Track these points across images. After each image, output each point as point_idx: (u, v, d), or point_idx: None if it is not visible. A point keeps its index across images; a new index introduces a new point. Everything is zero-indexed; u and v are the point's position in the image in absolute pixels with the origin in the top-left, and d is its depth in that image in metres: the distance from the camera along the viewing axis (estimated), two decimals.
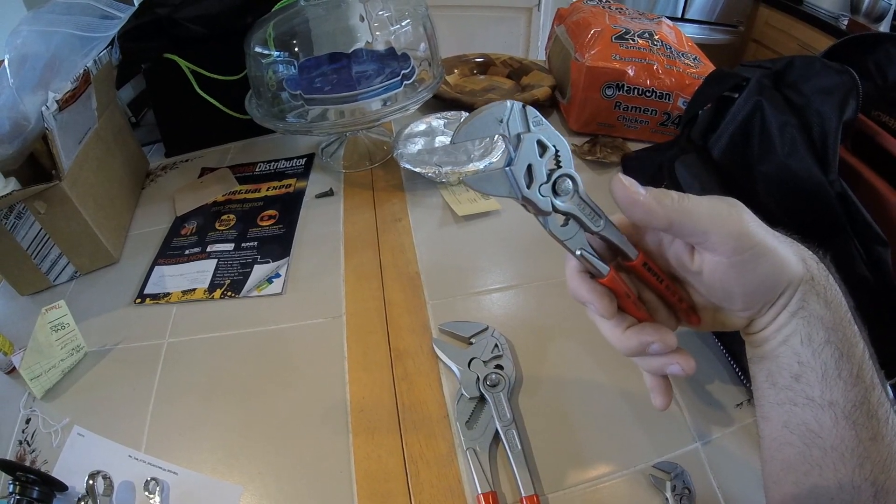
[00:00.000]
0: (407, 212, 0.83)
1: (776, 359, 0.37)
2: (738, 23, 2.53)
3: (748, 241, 0.33)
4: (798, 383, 0.35)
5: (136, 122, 1.08)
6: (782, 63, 0.65)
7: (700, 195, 0.35)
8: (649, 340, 0.37)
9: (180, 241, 0.80)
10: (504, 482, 0.49)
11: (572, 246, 0.36)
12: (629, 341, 0.37)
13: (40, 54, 0.66)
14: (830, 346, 0.34)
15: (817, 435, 0.35)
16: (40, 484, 0.48)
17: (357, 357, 0.61)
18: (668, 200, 0.34)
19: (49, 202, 0.67)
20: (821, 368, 0.35)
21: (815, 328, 0.35)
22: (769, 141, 0.60)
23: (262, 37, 0.80)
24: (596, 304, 0.37)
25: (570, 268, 0.38)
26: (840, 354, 0.34)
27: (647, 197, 0.34)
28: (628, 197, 0.34)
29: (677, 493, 0.47)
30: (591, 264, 0.36)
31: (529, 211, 0.35)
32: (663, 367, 0.38)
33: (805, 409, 0.35)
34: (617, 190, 0.35)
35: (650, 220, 0.34)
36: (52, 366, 0.60)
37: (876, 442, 0.33)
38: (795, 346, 0.35)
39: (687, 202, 0.34)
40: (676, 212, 0.33)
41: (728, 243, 0.33)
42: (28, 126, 0.64)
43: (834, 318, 0.35)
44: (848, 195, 0.54)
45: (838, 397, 0.34)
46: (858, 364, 0.34)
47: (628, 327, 0.38)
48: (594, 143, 0.94)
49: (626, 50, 0.90)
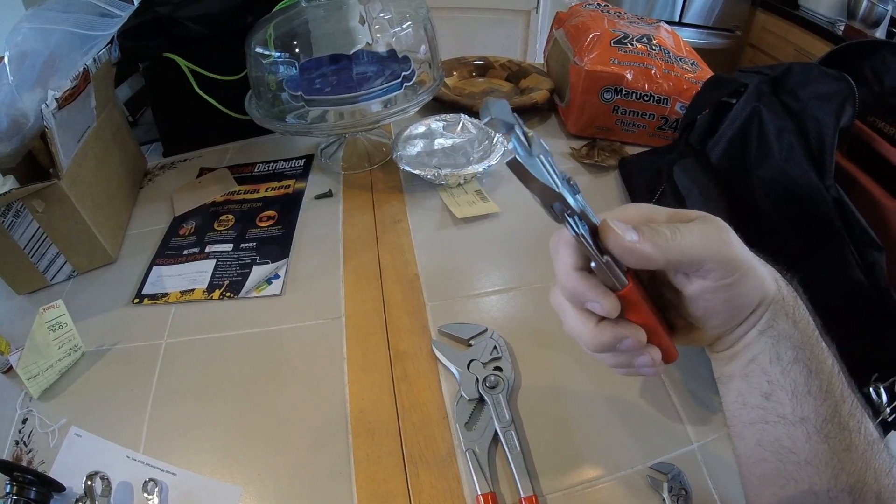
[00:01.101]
0: (406, 213, 0.83)
1: (746, 378, 0.37)
2: (735, 27, 2.54)
3: (736, 264, 0.33)
4: (769, 402, 0.36)
5: (133, 121, 1.08)
6: (780, 69, 0.65)
7: (697, 200, 0.35)
8: (624, 334, 0.35)
9: (179, 241, 0.80)
10: (503, 483, 0.49)
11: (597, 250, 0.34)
12: (602, 335, 0.35)
13: (39, 52, 0.66)
14: (799, 363, 0.35)
15: (791, 451, 0.35)
16: (38, 485, 0.48)
17: (356, 358, 0.62)
18: (663, 240, 0.33)
19: (47, 201, 0.67)
20: (790, 386, 0.35)
21: (783, 347, 0.35)
22: (767, 146, 0.60)
23: (263, 37, 0.80)
24: (602, 301, 0.34)
25: (564, 265, 0.35)
26: (809, 371, 0.35)
27: (642, 243, 0.33)
28: (624, 247, 0.33)
29: (674, 494, 0.48)
30: (611, 273, 0.34)
31: (549, 209, 0.33)
32: (631, 361, 0.37)
33: (777, 427, 0.36)
34: (610, 240, 0.33)
35: (648, 265, 0.33)
36: (49, 365, 0.60)
37: (850, 452, 0.34)
38: (764, 365, 0.36)
39: (680, 238, 0.33)
40: (673, 251, 0.33)
41: (719, 269, 0.33)
42: (27, 124, 0.64)
43: (801, 337, 0.36)
44: (844, 200, 0.54)
45: (809, 413, 0.35)
46: (828, 379, 0.35)
47: (600, 321, 0.36)
48: (592, 146, 0.95)
49: (624, 54, 0.91)
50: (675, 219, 0.35)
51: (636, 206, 0.37)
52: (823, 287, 0.52)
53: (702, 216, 0.35)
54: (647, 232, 0.33)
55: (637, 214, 0.35)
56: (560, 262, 0.35)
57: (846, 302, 0.52)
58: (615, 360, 0.38)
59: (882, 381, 0.50)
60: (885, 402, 0.49)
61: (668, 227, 0.33)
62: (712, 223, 0.34)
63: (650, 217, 0.35)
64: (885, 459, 0.35)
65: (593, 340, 0.36)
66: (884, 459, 0.35)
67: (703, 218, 0.35)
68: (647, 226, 0.33)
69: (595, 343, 0.36)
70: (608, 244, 0.33)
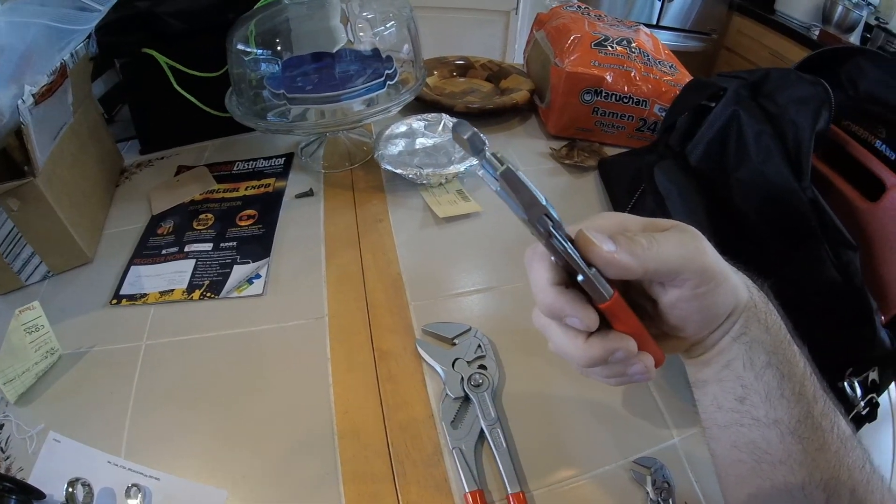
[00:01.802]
0: (388, 213, 0.83)
1: (720, 382, 0.38)
2: (712, 31, 2.60)
3: (712, 273, 0.34)
4: (743, 405, 0.37)
5: (109, 117, 1.06)
6: (759, 74, 0.67)
7: (677, 201, 0.35)
8: (614, 346, 0.34)
9: (157, 240, 0.79)
10: (490, 480, 0.50)
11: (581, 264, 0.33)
12: (592, 350, 0.34)
13: (16, 46, 0.64)
14: (772, 367, 0.36)
15: (765, 452, 0.36)
16: (17, 492, 0.47)
17: (340, 358, 0.61)
18: (640, 249, 0.32)
19: (22, 199, 0.65)
20: (764, 390, 0.36)
21: (756, 352, 0.36)
22: (745, 148, 0.62)
23: (245, 34, 0.79)
24: (580, 315, 0.33)
25: (541, 281, 0.34)
26: (781, 375, 0.36)
27: (620, 253, 0.32)
28: (602, 257, 0.32)
29: (657, 487, 0.49)
30: (598, 284, 0.33)
31: (534, 225, 0.32)
32: (624, 371, 0.36)
33: (752, 429, 0.36)
34: (587, 251, 0.33)
35: (625, 275, 0.33)
36: (25, 369, 0.58)
37: (823, 451, 0.35)
38: (738, 370, 0.37)
39: (657, 247, 0.33)
40: (651, 261, 0.32)
41: (695, 278, 0.33)
42: (2, 120, 0.62)
43: (774, 342, 0.36)
44: (819, 201, 0.56)
45: (783, 415, 0.35)
46: (800, 381, 0.36)
47: (588, 337, 0.35)
48: (572, 147, 0.96)
49: (604, 56, 0.92)
50: (649, 228, 0.35)
51: (609, 214, 0.36)
52: (800, 285, 0.54)
53: (675, 225, 0.35)
54: (623, 242, 0.33)
55: (611, 224, 0.35)
56: (536, 279, 0.35)
57: (822, 299, 0.54)
58: (608, 372, 0.37)
59: (856, 376, 0.52)
60: (860, 395, 0.51)
61: (644, 236, 0.33)
62: (687, 232, 0.34)
63: (624, 226, 0.35)
64: (859, 455, 0.36)
65: (584, 356, 0.35)
66: (857, 455, 0.36)
67: (678, 227, 0.35)
68: (622, 235, 0.33)
69: (586, 359, 0.35)
70: (585, 255, 0.33)
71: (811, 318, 0.41)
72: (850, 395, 0.50)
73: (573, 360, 0.36)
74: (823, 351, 0.40)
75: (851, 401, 0.50)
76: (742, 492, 0.39)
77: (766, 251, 0.57)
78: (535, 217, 0.31)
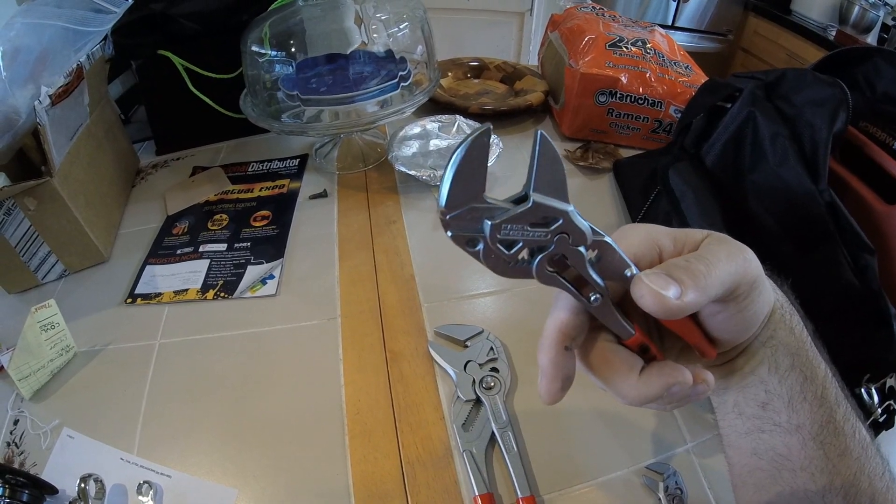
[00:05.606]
0: (401, 214, 0.83)
1: (743, 389, 0.36)
2: (728, 31, 2.57)
3: (760, 282, 0.32)
4: (765, 411, 0.35)
5: (125, 118, 1.07)
6: (775, 75, 0.66)
7: (692, 203, 0.33)
8: (671, 382, 0.31)
9: (172, 240, 0.80)
10: (501, 484, 0.50)
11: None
12: (649, 388, 0.31)
13: (32, 47, 0.65)
14: (795, 370, 0.34)
15: (786, 458, 0.35)
16: (30, 487, 0.48)
17: (352, 359, 0.61)
18: (703, 280, 0.29)
19: (39, 199, 0.66)
20: (787, 394, 0.34)
21: (781, 355, 0.34)
22: (761, 150, 0.61)
23: (259, 35, 0.80)
24: (622, 373, 0.31)
25: (551, 341, 0.33)
26: (804, 378, 0.34)
27: (688, 294, 0.28)
28: (666, 307, 0.28)
29: (670, 494, 0.48)
30: (614, 319, 0.30)
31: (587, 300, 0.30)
32: (687, 399, 0.33)
33: (773, 435, 0.35)
34: (647, 301, 0.29)
35: (687, 313, 0.29)
36: (41, 366, 0.59)
37: (844, 457, 0.34)
38: (763, 375, 0.35)
39: (715, 270, 0.29)
40: (713, 287, 0.29)
41: (749, 291, 0.31)
42: (19, 120, 0.63)
43: (797, 343, 0.35)
44: (837, 204, 0.55)
45: (805, 420, 0.34)
46: (822, 385, 0.34)
47: (641, 372, 0.32)
48: (586, 148, 0.95)
49: (619, 57, 0.92)
50: (679, 239, 0.33)
51: (635, 229, 0.33)
52: (816, 289, 0.53)
53: (710, 235, 0.32)
54: (684, 279, 0.29)
55: (640, 240, 0.32)
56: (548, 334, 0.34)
57: (838, 304, 0.53)
58: (663, 403, 0.33)
59: (873, 382, 0.51)
60: (877, 402, 0.50)
61: (697, 259, 0.30)
62: (729, 243, 0.32)
63: (654, 239, 0.32)
64: (879, 462, 0.35)
65: (641, 395, 0.31)
66: (877, 462, 0.35)
67: (716, 238, 0.32)
68: (677, 267, 0.29)
69: (642, 398, 0.31)
70: (648, 308, 0.29)
71: (827, 323, 0.40)
72: (867, 402, 0.49)
73: (627, 400, 0.32)
74: (840, 356, 0.39)
75: (868, 408, 0.49)
76: (760, 500, 0.37)
77: (781, 254, 0.57)
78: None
